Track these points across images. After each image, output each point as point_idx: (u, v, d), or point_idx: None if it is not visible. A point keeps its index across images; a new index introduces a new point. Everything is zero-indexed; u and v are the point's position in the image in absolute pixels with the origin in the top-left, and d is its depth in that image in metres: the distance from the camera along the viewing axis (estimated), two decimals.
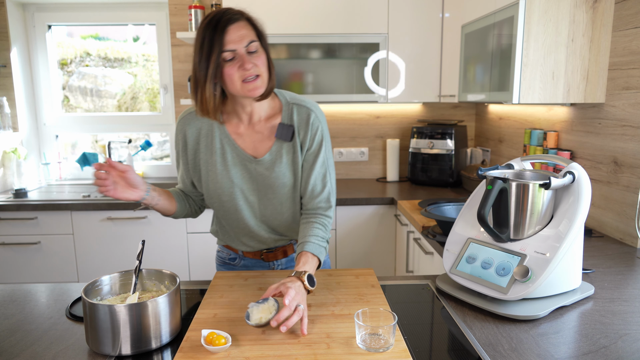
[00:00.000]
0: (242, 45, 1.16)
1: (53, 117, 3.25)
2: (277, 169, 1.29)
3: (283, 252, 1.46)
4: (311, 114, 1.30)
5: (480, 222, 1.16)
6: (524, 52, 1.79)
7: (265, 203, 1.35)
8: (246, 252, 1.47)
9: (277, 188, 1.31)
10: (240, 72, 1.16)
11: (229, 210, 1.35)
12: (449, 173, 2.92)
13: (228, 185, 1.31)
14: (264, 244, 1.43)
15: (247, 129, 1.31)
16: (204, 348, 0.95)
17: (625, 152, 1.72)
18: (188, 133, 1.32)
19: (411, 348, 0.98)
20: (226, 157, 1.30)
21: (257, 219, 1.37)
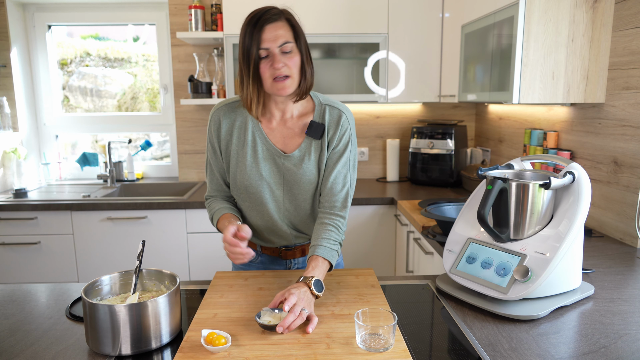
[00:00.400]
0: (276, 44, 1.20)
1: (53, 117, 3.25)
2: (305, 165, 1.32)
3: (301, 251, 1.47)
4: (342, 115, 1.34)
5: (480, 222, 1.16)
6: (524, 52, 1.79)
7: (289, 197, 1.36)
8: (264, 249, 1.47)
9: (303, 184, 1.34)
10: (271, 71, 1.21)
11: (254, 202, 1.36)
12: (449, 173, 2.92)
13: (256, 177, 1.33)
14: (284, 239, 1.43)
15: (279, 125, 1.34)
16: (204, 348, 0.95)
17: (625, 152, 1.72)
18: (222, 123, 1.34)
19: (411, 348, 0.98)
20: (257, 150, 1.33)
21: (281, 212, 1.38)
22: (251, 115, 1.32)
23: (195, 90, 2.92)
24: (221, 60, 3.00)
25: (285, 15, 1.24)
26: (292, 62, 1.22)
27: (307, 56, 1.27)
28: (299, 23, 1.27)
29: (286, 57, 1.21)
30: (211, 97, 2.93)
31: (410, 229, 2.35)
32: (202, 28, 2.86)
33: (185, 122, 3.18)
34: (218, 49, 2.99)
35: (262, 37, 1.19)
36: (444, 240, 1.34)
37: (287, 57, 1.22)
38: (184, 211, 2.62)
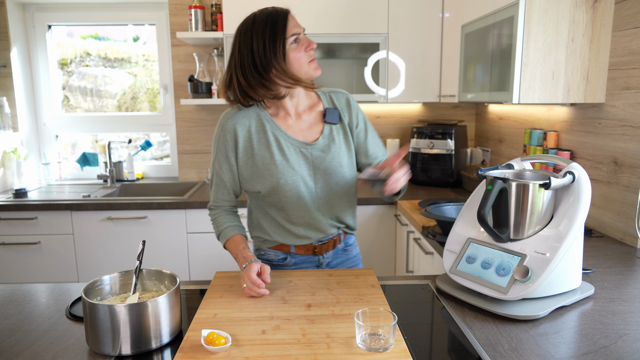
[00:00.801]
0: (301, 30, 1.28)
1: (53, 117, 3.25)
2: (333, 149, 1.37)
3: (333, 243, 1.48)
4: (349, 97, 1.44)
5: (480, 222, 1.16)
6: (524, 52, 1.79)
7: (322, 185, 1.38)
8: (298, 249, 1.46)
9: (334, 168, 1.37)
10: (307, 54, 1.28)
11: (291, 199, 1.36)
12: (449, 173, 2.92)
13: (290, 173, 1.34)
14: (320, 232, 1.44)
15: (295, 121, 1.38)
16: (204, 348, 0.95)
17: (625, 152, 1.72)
18: (238, 131, 1.34)
19: (411, 348, 0.98)
20: (282, 147, 1.34)
21: (316, 203, 1.39)
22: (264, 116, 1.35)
23: (195, 90, 2.92)
24: (221, 60, 3.00)
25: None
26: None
27: None
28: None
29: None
30: (211, 97, 2.93)
31: (410, 229, 2.35)
32: (202, 28, 2.86)
33: (185, 122, 3.18)
34: (218, 49, 2.99)
35: (289, 24, 1.25)
36: (444, 240, 1.34)
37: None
38: (184, 211, 2.62)
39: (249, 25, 1.26)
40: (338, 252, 1.51)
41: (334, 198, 1.41)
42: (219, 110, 3.16)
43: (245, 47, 1.25)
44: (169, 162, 3.37)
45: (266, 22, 1.24)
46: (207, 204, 2.59)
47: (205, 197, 2.68)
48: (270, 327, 1.05)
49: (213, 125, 3.18)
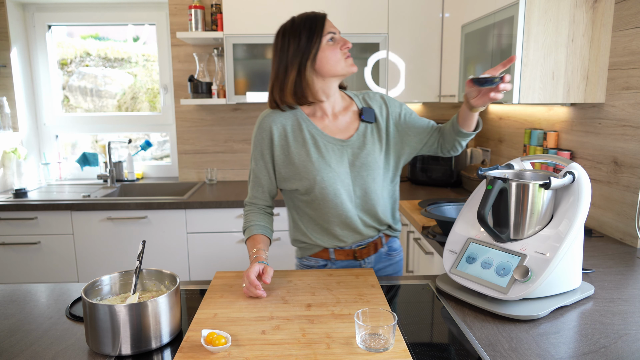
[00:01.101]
0: (337, 31, 1.35)
1: (53, 117, 3.25)
2: (368, 146, 1.39)
3: (374, 246, 1.48)
4: (383, 95, 1.48)
5: (480, 222, 1.16)
6: (523, 52, 1.79)
7: (359, 183, 1.39)
8: (338, 255, 1.46)
9: (370, 164, 1.38)
10: (343, 51, 1.33)
11: (328, 197, 1.37)
12: (449, 173, 2.91)
13: (327, 170, 1.36)
14: (358, 233, 1.44)
15: (331, 121, 1.41)
16: (204, 348, 0.95)
17: (625, 152, 1.72)
18: (274, 130, 1.38)
19: (411, 348, 0.98)
20: (319, 144, 1.37)
21: (353, 202, 1.40)
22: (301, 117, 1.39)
23: (195, 90, 2.92)
24: (221, 60, 3.00)
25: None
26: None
27: None
28: None
29: None
30: (211, 97, 2.93)
31: (410, 229, 2.35)
32: (202, 28, 2.86)
33: (185, 122, 3.18)
34: (218, 49, 2.99)
35: (326, 25, 1.32)
36: (444, 240, 1.34)
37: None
38: (184, 211, 2.62)
39: (287, 27, 1.35)
40: (381, 257, 1.51)
41: (372, 197, 1.41)
42: (218, 110, 3.16)
43: (285, 48, 1.33)
44: (169, 162, 3.37)
45: (305, 22, 1.32)
46: (206, 204, 2.60)
47: (205, 198, 2.68)
48: (270, 327, 1.05)
49: (213, 125, 3.19)
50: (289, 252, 2.65)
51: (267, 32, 2.71)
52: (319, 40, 1.31)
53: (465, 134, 1.36)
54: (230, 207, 2.61)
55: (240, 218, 2.64)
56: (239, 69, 2.75)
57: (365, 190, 1.40)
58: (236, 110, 3.17)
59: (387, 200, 1.47)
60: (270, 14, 2.69)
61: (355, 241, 1.45)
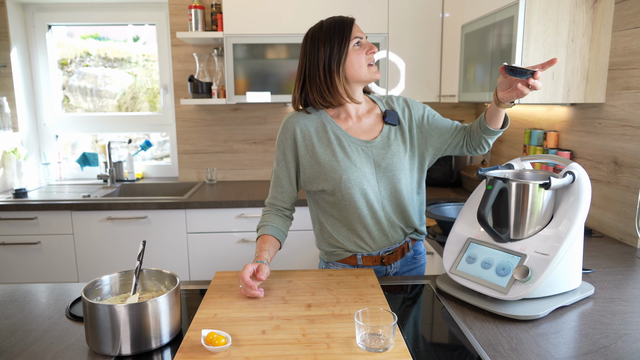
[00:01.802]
0: (364, 36, 1.36)
1: (53, 117, 3.25)
2: (392, 147, 1.40)
3: (401, 251, 1.47)
4: (406, 99, 1.48)
5: (480, 222, 1.16)
6: (524, 52, 1.79)
7: (384, 184, 1.39)
8: (365, 261, 1.45)
9: (395, 165, 1.38)
10: (367, 57, 1.34)
11: (353, 198, 1.36)
12: (449, 173, 2.91)
13: (352, 169, 1.36)
14: (384, 236, 1.43)
15: (355, 123, 1.42)
16: (204, 348, 0.95)
17: (625, 152, 1.72)
18: (297, 131, 1.39)
19: (411, 348, 0.98)
20: (343, 145, 1.38)
21: (379, 203, 1.40)
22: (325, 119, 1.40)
23: (195, 90, 2.92)
24: (221, 60, 3.00)
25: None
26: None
27: None
28: None
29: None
30: (211, 97, 2.93)
31: None
32: (202, 28, 2.86)
33: (185, 122, 3.18)
34: (218, 49, 2.99)
35: (354, 29, 1.34)
36: (444, 240, 1.34)
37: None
38: (184, 211, 2.62)
39: (316, 30, 1.35)
40: (407, 261, 1.50)
41: (399, 198, 1.40)
42: (218, 110, 3.16)
43: (313, 51, 1.34)
44: (169, 162, 3.37)
45: (334, 27, 1.34)
46: (206, 204, 2.60)
47: (205, 198, 2.68)
48: (270, 327, 1.05)
49: (213, 125, 3.19)
50: (294, 251, 2.66)
51: (267, 32, 2.71)
52: (347, 45, 1.33)
53: (492, 132, 1.35)
54: (230, 207, 2.62)
55: (241, 218, 2.64)
56: (239, 69, 2.75)
57: (392, 191, 1.40)
58: (236, 110, 3.17)
59: (414, 202, 1.46)
60: (270, 14, 2.69)
61: (382, 246, 1.44)
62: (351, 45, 1.33)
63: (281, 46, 2.75)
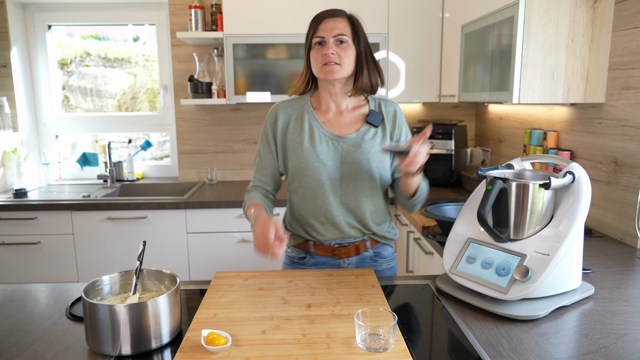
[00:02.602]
0: (331, 34, 1.33)
1: (53, 117, 3.25)
2: (364, 146, 1.39)
3: (355, 249, 1.47)
4: (397, 109, 1.47)
5: (480, 222, 1.16)
6: (524, 52, 1.79)
7: (347, 181, 1.40)
8: (317, 249, 1.47)
9: (362, 164, 1.38)
10: (322, 57, 1.33)
11: (311, 186, 1.39)
12: (449, 173, 2.92)
13: (313, 159, 1.38)
14: (338, 230, 1.43)
15: (335, 116, 1.44)
16: (204, 348, 0.95)
17: (625, 152, 1.72)
18: (279, 116, 1.44)
19: (411, 348, 0.98)
20: (314, 136, 1.40)
21: (337, 197, 1.41)
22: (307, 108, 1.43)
23: (195, 90, 2.92)
24: (221, 60, 3.00)
25: (348, 15, 1.39)
26: (344, 53, 1.34)
27: (366, 56, 1.39)
28: (362, 27, 1.39)
29: (339, 48, 1.34)
30: (211, 97, 2.93)
31: (410, 229, 2.35)
32: (202, 28, 2.86)
33: (185, 122, 3.18)
34: (218, 49, 2.99)
35: (320, 27, 1.34)
36: (444, 240, 1.34)
37: (340, 48, 1.34)
38: (184, 211, 2.62)
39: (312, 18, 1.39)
40: (364, 261, 1.49)
41: (359, 196, 1.41)
42: (219, 110, 3.16)
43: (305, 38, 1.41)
44: (169, 162, 3.37)
45: (313, 19, 1.37)
46: (206, 204, 2.60)
47: (205, 198, 2.68)
48: (270, 327, 1.05)
49: (213, 125, 3.19)
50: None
51: (267, 32, 2.71)
52: (310, 41, 1.37)
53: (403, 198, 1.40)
54: (230, 207, 2.61)
55: (241, 218, 2.64)
56: (239, 69, 2.75)
57: (353, 190, 1.40)
58: (236, 110, 3.17)
59: (376, 206, 1.45)
60: (270, 14, 2.69)
61: (335, 238, 1.45)
62: (313, 43, 1.36)
63: (281, 46, 2.75)
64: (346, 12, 1.40)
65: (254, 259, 2.64)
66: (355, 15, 1.40)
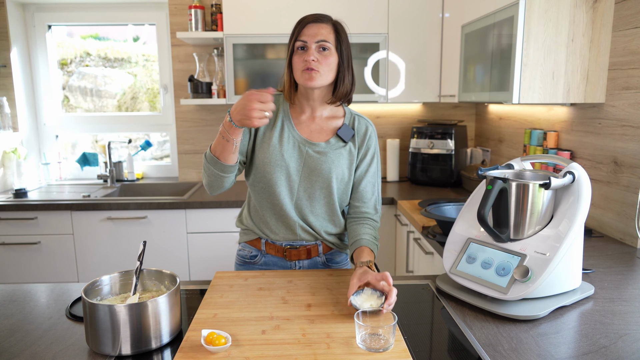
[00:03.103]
0: (314, 40, 1.30)
1: (53, 117, 3.25)
2: (330, 155, 1.38)
3: (307, 252, 1.46)
4: (369, 128, 1.44)
5: (480, 222, 1.16)
6: (524, 52, 1.79)
7: (305, 185, 1.39)
8: (269, 248, 1.46)
9: (324, 172, 1.37)
10: (303, 63, 1.30)
11: (269, 183, 1.38)
12: (449, 173, 2.92)
13: (277, 157, 1.36)
14: (291, 232, 1.43)
15: (307, 120, 1.42)
16: (204, 348, 0.95)
17: (625, 152, 1.72)
18: None
19: (411, 348, 0.98)
20: (283, 135, 1.39)
21: (293, 199, 1.40)
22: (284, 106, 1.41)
23: (195, 90, 2.92)
24: (221, 60, 3.00)
25: (333, 21, 1.36)
26: (325, 60, 1.31)
27: (347, 64, 1.36)
28: (347, 34, 1.38)
29: (322, 55, 1.31)
30: (211, 97, 2.93)
31: (410, 229, 2.35)
32: (202, 28, 2.86)
33: (185, 122, 3.18)
34: (218, 49, 2.99)
35: (303, 31, 1.31)
36: (444, 240, 1.34)
37: (323, 55, 1.31)
38: (184, 211, 2.62)
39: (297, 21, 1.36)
40: (317, 266, 1.48)
41: (314, 204, 1.40)
42: (218, 110, 3.16)
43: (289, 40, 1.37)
44: (169, 162, 3.37)
45: (297, 22, 1.34)
46: (206, 204, 2.60)
47: (205, 198, 2.68)
48: (270, 327, 1.05)
49: (213, 125, 3.18)
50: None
51: (267, 32, 2.71)
52: (293, 45, 1.33)
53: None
54: (230, 207, 2.61)
55: None
56: (239, 69, 2.75)
57: (310, 196, 1.39)
58: None
59: (330, 215, 1.43)
60: (270, 14, 2.69)
61: (287, 239, 1.44)
62: (295, 47, 1.32)
63: (281, 46, 2.75)
64: (332, 18, 1.37)
65: None
66: (341, 22, 1.38)
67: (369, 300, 1.10)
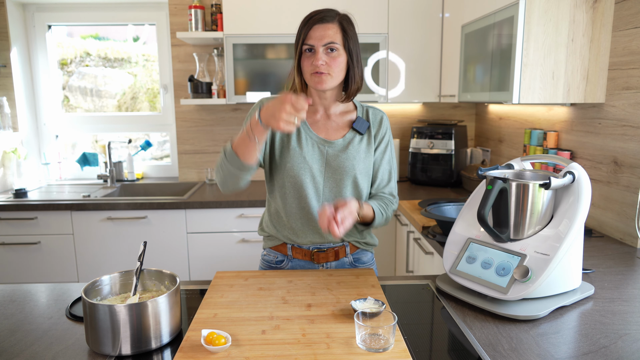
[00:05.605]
0: (321, 43, 1.28)
1: (53, 117, 3.25)
2: (350, 151, 1.39)
3: (335, 254, 1.45)
4: (384, 117, 1.46)
5: (480, 222, 1.16)
6: (524, 52, 1.79)
7: (330, 185, 1.39)
8: (295, 252, 1.45)
9: (346, 169, 1.38)
10: (311, 66, 1.29)
11: (294, 187, 1.37)
12: (449, 173, 2.92)
13: (299, 160, 1.36)
14: (317, 235, 1.42)
15: (322, 118, 1.42)
16: (204, 348, 0.95)
17: (625, 152, 1.72)
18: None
19: (411, 348, 0.98)
20: (301, 137, 1.39)
21: (320, 201, 1.39)
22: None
23: (195, 90, 2.92)
24: (221, 60, 3.00)
25: (339, 18, 1.32)
26: (334, 62, 1.30)
27: (356, 60, 1.34)
28: (354, 28, 1.35)
29: (330, 56, 1.29)
30: (211, 97, 2.93)
31: (410, 229, 2.35)
32: (202, 28, 2.86)
33: (185, 122, 3.18)
34: (218, 49, 2.99)
35: (309, 34, 1.29)
36: (444, 240, 1.34)
37: (331, 57, 1.29)
38: (184, 211, 2.62)
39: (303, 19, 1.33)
40: (344, 267, 1.47)
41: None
42: (219, 110, 3.16)
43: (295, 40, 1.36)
44: (169, 162, 3.37)
45: (302, 22, 1.32)
46: (206, 204, 2.60)
47: (205, 197, 2.68)
48: (270, 327, 1.05)
49: (213, 125, 3.19)
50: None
51: (267, 32, 2.71)
52: (300, 48, 1.32)
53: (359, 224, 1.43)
54: (230, 207, 2.62)
55: (241, 218, 2.64)
56: (239, 69, 2.75)
57: (336, 194, 1.39)
58: (236, 110, 3.17)
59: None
60: (270, 14, 2.69)
61: (314, 242, 1.43)
62: (303, 50, 1.31)
63: (281, 46, 2.75)
64: (338, 12, 1.33)
65: (254, 259, 2.64)
66: (348, 15, 1.35)
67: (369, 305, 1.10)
